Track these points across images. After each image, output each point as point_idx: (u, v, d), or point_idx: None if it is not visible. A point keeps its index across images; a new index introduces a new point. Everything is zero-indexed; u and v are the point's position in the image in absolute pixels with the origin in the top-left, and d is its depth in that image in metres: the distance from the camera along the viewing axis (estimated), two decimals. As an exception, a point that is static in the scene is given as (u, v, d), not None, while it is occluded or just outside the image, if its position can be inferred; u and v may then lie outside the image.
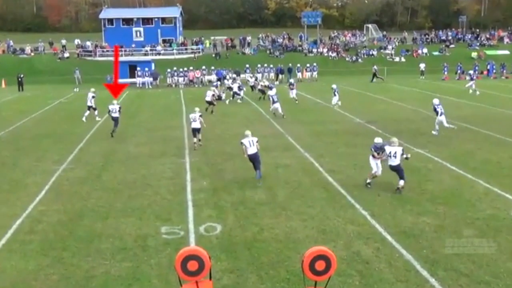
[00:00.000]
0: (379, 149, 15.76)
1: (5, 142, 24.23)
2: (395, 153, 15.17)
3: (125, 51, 63.56)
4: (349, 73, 58.31)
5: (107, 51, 64.85)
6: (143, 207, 14.54)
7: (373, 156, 15.90)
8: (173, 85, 51.55)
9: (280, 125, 26.77)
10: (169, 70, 52.38)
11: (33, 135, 25.76)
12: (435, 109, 23.39)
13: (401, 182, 15.18)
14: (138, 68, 51.48)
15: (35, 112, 34.04)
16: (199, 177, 17.49)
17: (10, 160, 20.45)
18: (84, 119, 29.53)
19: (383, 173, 16.42)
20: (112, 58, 59.53)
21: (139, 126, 27.62)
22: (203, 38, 69.22)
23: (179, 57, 63.76)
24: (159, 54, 63.79)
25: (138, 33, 66.16)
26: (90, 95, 30.35)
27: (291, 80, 38.83)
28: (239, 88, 37.49)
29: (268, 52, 65.83)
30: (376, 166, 15.86)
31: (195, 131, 21.93)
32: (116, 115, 25.41)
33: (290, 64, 54.63)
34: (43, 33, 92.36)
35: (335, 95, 32.88)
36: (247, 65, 53.97)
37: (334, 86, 33.45)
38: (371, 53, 65.78)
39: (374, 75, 52.28)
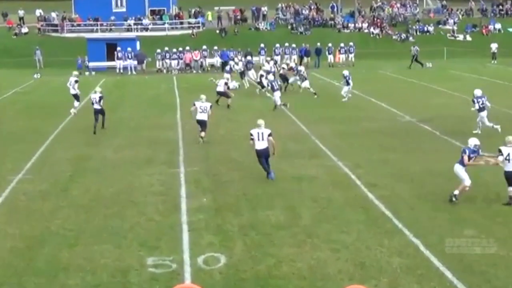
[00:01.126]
0: (475, 153, 15.88)
1: None
2: None
3: (101, 25, 63.96)
4: (396, 56, 58.26)
5: (79, 25, 65.26)
6: (124, 231, 14.58)
7: (463, 163, 15.89)
8: (164, 71, 51.79)
9: (305, 124, 26.79)
10: (159, 50, 52.61)
11: (-20, 135, 25.97)
12: (475, 102, 24.47)
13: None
14: (119, 48, 51.65)
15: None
16: (197, 192, 17.51)
17: (-50, 168, 20.63)
18: (72, 111, 29.74)
19: (436, 185, 16.34)
20: (85, 35, 59.89)
21: (119, 125, 27.76)
22: (204, 9, 69.43)
23: (173, 34, 64.01)
24: (146, 29, 64.12)
25: (119, 1, 66.60)
26: (73, 79, 30.53)
27: (301, 68, 38.16)
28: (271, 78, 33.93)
29: (289, 27, 65.93)
30: (466, 175, 15.93)
31: (202, 124, 23.01)
32: (96, 106, 25.85)
33: (319, 44, 54.63)
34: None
35: (347, 84, 33.25)
36: (262, 45, 53.82)
37: (345, 72, 33.95)
38: (426, 29, 65.74)
39: (414, 58, 52.02)
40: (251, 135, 18.35)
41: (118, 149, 22.94)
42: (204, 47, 53.17)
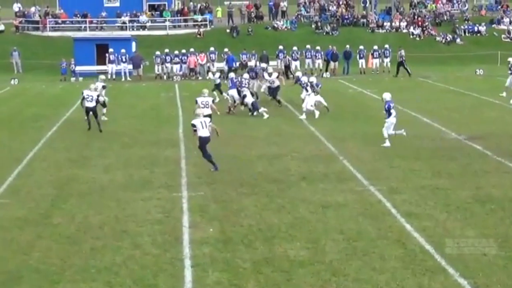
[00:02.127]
0: None
1: None
2: None
3: (90, 22, 64.42)
4: (440, 60, 58.37)
5: (64, 22, 65.75)
6: (116, 267, 14.64)
7: None
8: (164, 76, 52.03)
9: (332, 142, 26.82)
10: (158, 53, 52.83)
11: None
12: None
13: None
14: (111, 50, 51.98)
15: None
16: (202, 221, 17.58)
17: None
18: (104, 117, 31.24)
19: (487, 214, 16.27)
20: (71, 34, 60.23)
21: (111, 140, 27.92)
22: (211, 5, 69.80)
23: (175, 33, 64.46)
24: (144, 28, 64.58)
25: (111, -6, 67.06)
26: (100, 85, 32.25)
27: (312, 79, 35.65)
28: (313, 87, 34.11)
29: (314, 26, 66.18)
30: None
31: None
32: (91, 104, 27.14)
33: (348, 46, 54.66)
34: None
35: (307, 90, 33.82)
36: (281, 47, 53.63)
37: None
38: (476, 29, 65.80)
39: (400, 64, 51.70)
40: (194, 126, 22.08)
41: (109, 170, 23.06)
42: (212, 48, 53.20)
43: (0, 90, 45.33)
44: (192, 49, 52.97)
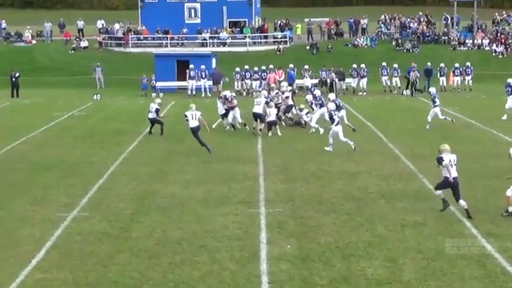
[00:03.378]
0: None
1: (-11, 175, 25.36)
2: None
3: (171, 38, 65.23)
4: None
5: (145, 38, 66.72)
6: (194, 281, 14.78)
7: None
8: (244, 92, 52.25)
9: (411, 160, 26.57)
10: (238, 69, 53.10)
11: (29, 165, 26.84)
12: None
13: None
14: (191, 66, 52.44)
15: (34, 130, 35.45)
16: (280, 237, 17.62)
17: (-5, 202, 21.39)
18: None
19: None
20: (153, 50, 61.06)
21: (190, 156, 28.18)
22: (291, 22, 69.99)
23: (255, 50, 64.84)
24: (224, 44, 65.05)
25: (192, 11, 67.82)
26: (154, 107, 33.15)
27: (331, 96, 33.72)
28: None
29: (394, 43, 65.80)
30: None
31: (257, 117, 26.13)
32: (195, 124, 28.55)
33: (429, 64, 54.05)
34: (51, 9, 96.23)
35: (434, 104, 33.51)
36: (363, 65, 52.80)
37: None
38: None
39: (411, 85, 50.57)
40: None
41: (188, 185, 23.29)
42: (291, 65, 53.15)
43: (83, 105, 46.11)
44: (271, 66, 52.98)
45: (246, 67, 53.00)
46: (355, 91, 50.93)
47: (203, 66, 52.20)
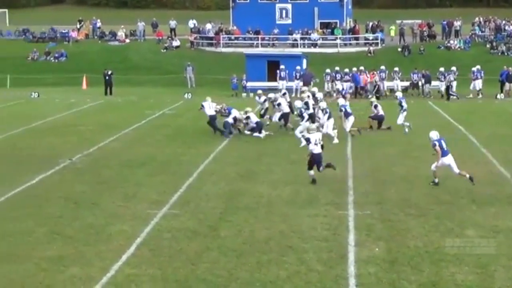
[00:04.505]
0: None
1: (82, 171, 25.93)
2: None
3: (262, 39, 65.50)
4: None
5: (237, 38, 67.17)
6: (280, 281, 14.86)
7: None
8: (334, 94, 52.03)
9: (504, 165, 26.08)
10: (328, 70, 52.94)
11: (121, 162, 27.36)
12: None
13: None
14: (282, 66, 52.52)
15: (126, 127, 36.09)
16: (368, 240, 17.58)
17: (88, 198, 21.88)
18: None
19: None
20: (244, 50, 61.46)
21: (279, 156, 28.28)
22: (383, 23, 69.51)
23: (346, 51, 64.64)
24: (315, 45, 65.01)
25: (284, 12, 67.95)
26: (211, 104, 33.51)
27: (398, 95, 36.34)
28: None
29: (488, 46, 64.65)
30: None
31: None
32: (211, 113, 31.65)
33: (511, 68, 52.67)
34: (144, 9, 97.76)
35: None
36: (453, 68, 51.65)
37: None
38: None
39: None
40: (203, 106, 32.83)
41: (276, 185, 23.38)
42: (383, 67, 52.75)
43: (174, 104, 46.64)
44: (362, 67, 52.75)
45: (337, 68, 52.81)
46: (444, 94, 50.08)
47: (298, 67, 52.17)
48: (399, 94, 36.35)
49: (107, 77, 53.78)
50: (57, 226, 18.83)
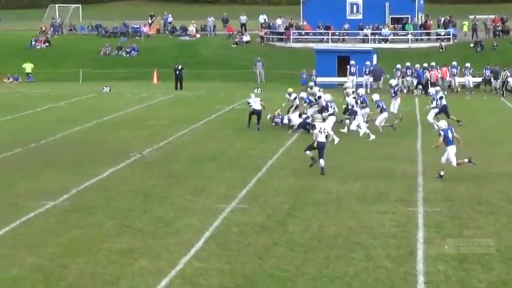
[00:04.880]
0: None
1: (152, 165, 26.23)
2: None
3: (332, 34, 65.29)
4: None
5: (307, 34, 67.08)
6: (348, 277, 14.84)
7: None
8: (404, 90, 51.63)
9: None
10: (398, 66, 52.43)
11: (191, 156, 27.61)
12: None
13: None
14: (352, 62, 52.26)
15: (196, 121, 36.38)
16: (437, 237, 17.43)
17: (157, 192, 22.14)
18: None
19: None
20: (314, 45, 61.34)
21: (348, 152, 28.16)
22: (455, 18, 68.58)
23: (417, 46, 64.00)
24: (386, 40, 64.50)
25: (354, 7, 67.56)
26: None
27: (431, 91, 36.58)
28: None
29: None
30: None
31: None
32: (257, 107, 31.99)
33: None
34: (215, 4, 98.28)
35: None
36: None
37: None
38: None
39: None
40: (249, 102, 33.52)
41: (345, 181, 23.34)
42: (454, 63, 52.11)
43: (243, 99, 46.59)
44: (433, 63, 52.16)
45: (407, 64, 52.36)
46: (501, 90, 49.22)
47: (368, 62, 51.90)
48: (432, 90, 36.02)
49: (177, 72, 54.32)
50: (127, 219, 19.10)
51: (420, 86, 50.61)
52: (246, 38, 68.98)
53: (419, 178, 23.75)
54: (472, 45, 62.94)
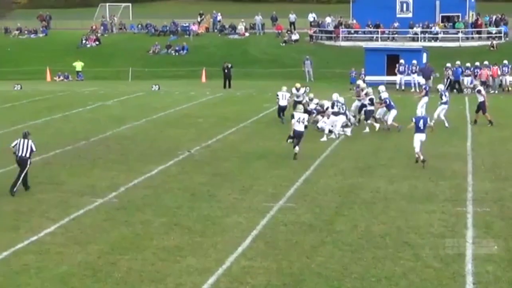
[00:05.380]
0: None
1: (200, 163, 26.36)
2: None
3: (382, 32, 65.00)
4: None
5: (356, 32, 66.88)
6: (395, 277, 14.77)
7: None
8: (455, 89, 51.13)
9: None
10: (449, 64, 51.98)
11: (239, 155, 27.71)
12: None
13: None
14: (402, 61, 51.90)
15: (244, 120, 36.46)
16: (487, 237, 17.28)
17: (205, 190, 22.24)
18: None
19: None
20: (363, 44, 61.11)
21: (397, 151, 28.04)
22: (507, 16, 67.78)
23: (468, 45, 63.41)
24: (436, 39, 64.03)
25: (404, 5, 67.21)
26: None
27: (440, 87, 35.98)
28: None
29: None
30: None
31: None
32: (283, 103, 32.15)
33: None
34: (264, 3, 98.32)
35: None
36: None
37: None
38: None
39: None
40: (277, 95, 34.60)
41: (394, 180, 23.24)
42: (505, 62, 51.59)
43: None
44: (486, 62, 51.50)
45: (458, 62, 51.86)
46: None
47: (414, 61, 51.54)
48: (440, 87, 35.83)
49: (226, 70, 54.50)
50: (175, 217, 19.21)
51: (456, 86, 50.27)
52: (295, 36, 68.97)
53: (468, 177, 23.54)
54: (524, 43, 62.32)
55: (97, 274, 15.02)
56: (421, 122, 25.29)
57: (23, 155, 21.83)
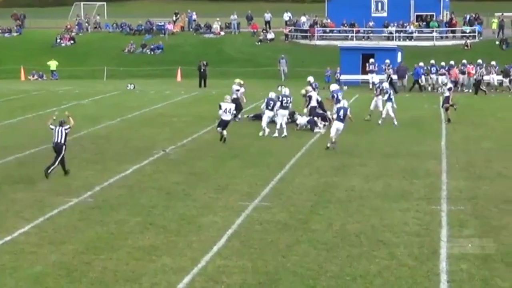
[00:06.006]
0: None
1: (176, 162, 26.29)
2: None
3: (357, 32, 65.16)
4: None
5: (331, 31, 66.99)
6: (370, 276, 14.80)
7: None
8: (429, 88, 51.42)
9: None
10: (422, 64, 52.18)
11: (214, 154, 27.64)
12: None
13: None
14: (372, 60, 51.84)
15: (219, 119, 36.28)
16: (461, 235, 17.35)
17: (180, 189, 22.16)
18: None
19: None
20: (338, 43, 61.26)
21: (371, 150, 28.14)
22: (481, 16, 68.18)
23: (441, 44, 63.74)
24: (410, 38, 64.28)
25: (379, 4, 67.42)
26: (235, 88, 35.97)
27: (385, 85, 36.64)
28: None
29: None
30: None
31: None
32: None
33: None
34: (240, 2, 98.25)
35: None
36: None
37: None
38: None
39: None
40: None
41: (368, 179, 23.29)
42: (480, 61, 51.66)
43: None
44: (464, 61, 51.70)
45: (432, 61, 52.08)
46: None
47: (387, 61, 51.54)
48: (385, 85, 36.56)
49: (202, 69, 54.44)
50: (150, 216, 19.14)
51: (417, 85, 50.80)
52: (270, 35, 69.03)
53: (443, 176, 23.65)
54: (497, 42, 62.59)
55: (72, 274, 14.94)
56: (341, 112, 27.87)
57: (59, 141, 23.31)
